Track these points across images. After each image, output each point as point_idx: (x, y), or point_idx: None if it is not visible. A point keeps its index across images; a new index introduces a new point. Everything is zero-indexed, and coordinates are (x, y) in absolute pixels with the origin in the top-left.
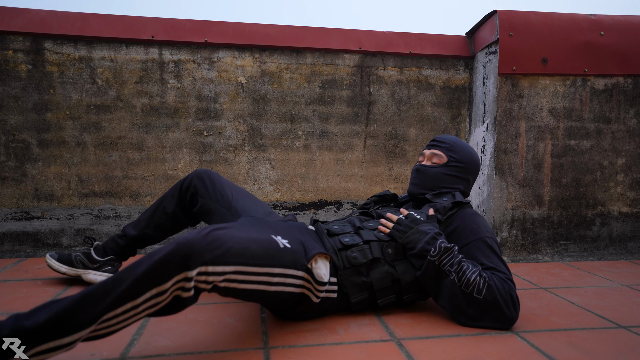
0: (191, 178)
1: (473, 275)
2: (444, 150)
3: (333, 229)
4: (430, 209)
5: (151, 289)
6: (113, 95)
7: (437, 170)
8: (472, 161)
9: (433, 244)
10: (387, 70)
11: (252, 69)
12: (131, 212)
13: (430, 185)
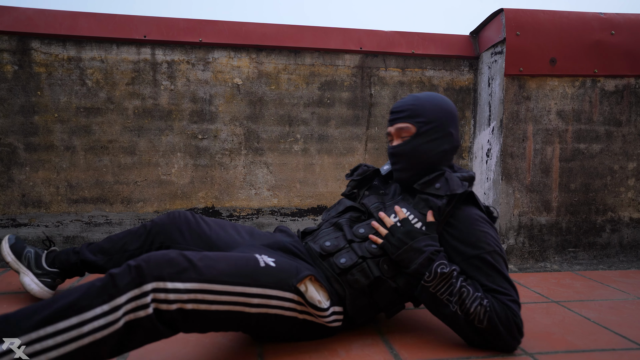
0: (163, 224)
1: (473, 305)
2: (408, 120)
3: (326, 247)
4: (429, 212)
5: (102, 303)
6: (104, 97)
7: (411, 145)
8: (443, 112)
9: (428, 268)
10: (388, 71)
11: (249, 70)
12: (123, 219)
13: (415, 165)
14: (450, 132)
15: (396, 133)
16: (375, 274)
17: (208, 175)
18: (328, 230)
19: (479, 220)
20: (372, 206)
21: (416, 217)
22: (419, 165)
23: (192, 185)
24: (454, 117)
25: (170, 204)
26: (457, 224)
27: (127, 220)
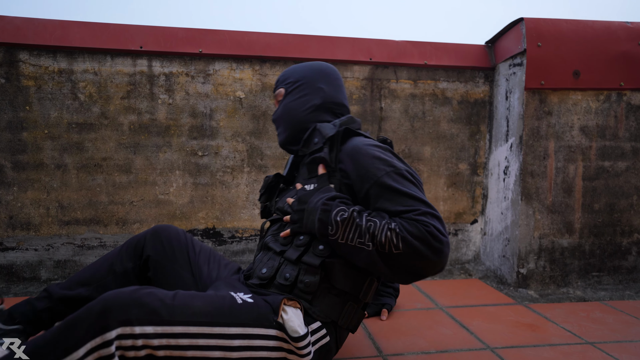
0: (144, 236)
1: (383, 235)
2: (280, 85)
3: (262, 274)
4: (320, 165)
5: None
6: (97, 112)
7: (282, 105)
8: (312, 70)
9: (328, 221)
10: (399, 83)
11: (252, 83)
12: (118, 241)
13: (288, 124)
14: (320, 87)
15: (276, 103)
16: (317, 263)
17: (209, 194)
18: (260, 257)
19: (362, 147)
20: (282, 202)
21: (311, 182)
22: (292, 124)
23: (192, 205)
24: (325, 74)
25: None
26: (345, 162)
27: (122, 243)
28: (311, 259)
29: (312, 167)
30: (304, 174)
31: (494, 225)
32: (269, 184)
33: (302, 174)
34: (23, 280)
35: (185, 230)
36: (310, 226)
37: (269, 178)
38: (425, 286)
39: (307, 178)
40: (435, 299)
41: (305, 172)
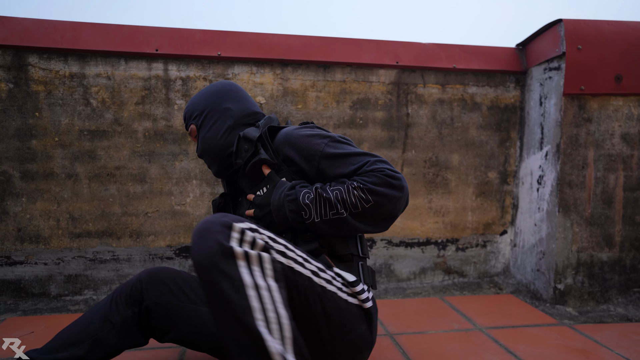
0: (139, 280)
1: (351, 196)
2: (189, 122)
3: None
4: (263, 166)
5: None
6: (110, 118)
7: (200, 140)
8: (210, 95)
9: (299, 208)
10: (427, 87)
11: (273, 87)
12: (131, 254)
13: (215, 155)
14: (227, 107)
15: (194, 139)
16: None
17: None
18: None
19: (293, 132)
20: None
21: (261, 187)
22: (217, 154)
23: None
24: (225, 92)
25: (185, 237)
26: (286, 150)
27: (137, 256)
28: (308, 246)
29: (255, 173)
30: (248, 184)
31: (525, 237)
32: (219, 206)
33: (245, 185)
34: (32, 297)
35: None
36: (284, 222)
37: (216, 201)
38: (457, 303)
39: (254, 186)
40: (471, 318)
41: (249, 182)
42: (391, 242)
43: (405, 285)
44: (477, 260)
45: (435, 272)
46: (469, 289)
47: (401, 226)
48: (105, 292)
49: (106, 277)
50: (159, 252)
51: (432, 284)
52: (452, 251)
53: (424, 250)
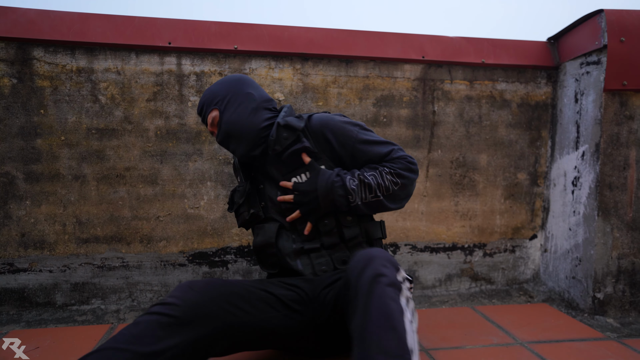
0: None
1: (386, 180)
2: (210, 108)
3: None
4: (303, 154)
5: None
6: (120, 116)
7: (224, 123)
8: (230, 83)
9: (347, 192)
10: (454, 84)
11: (292, 83)
12: (142, 261)
13: (241, 137)
14: (249, 92)
15: (212, 127)
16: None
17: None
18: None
19: (329, 119)
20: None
21: (298, 173)
22: (245, 133)
23: (225, 221)
24: (244, 81)
25: (199, 243)
26: (327, 135)
27: (147, 263)
28: (352, 232)
29: (293, 160)
30: (281, 171)
31: (558, 241)
32: (246, 193)
33: (276, 171)
34: (36, 306)
35: (217, 247)
36: (329, 206)
37: (241, 190)
38: (490, 313)
39: (290, 171)
40: (509, 330)
41: (283, 168)
42: (415, 247)
43: (431, 293)
44: (506, 266)
45: (462, 278)
46: (498, 297)
47: (426, 230)
48: (114, 301)
49: (115, 285)
50: (171, 258)
51: (459, 291)
52: (479, 257)
53: (450, 255)
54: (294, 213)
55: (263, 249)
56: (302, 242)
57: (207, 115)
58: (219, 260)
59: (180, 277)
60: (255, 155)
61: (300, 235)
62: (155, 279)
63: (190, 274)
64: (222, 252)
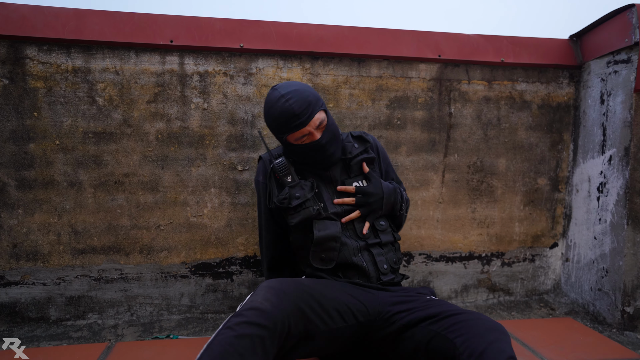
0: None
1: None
2: (316, 108)
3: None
4: (363, 164)
5: None
6: (118, 118)
7: (331, 126)
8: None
9: (403, 200)
10: (472, 84)
11: None
12: (142, 272)
13: (339, 141)
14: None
15: (317, 128)
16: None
17: (250, 216)
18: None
19: (379, 142)
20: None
21: (358, 179)
22: (340, 140)
23: (230, 229)
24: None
25: (202, 253)
26: (376, 155)
27: (148, 274)
28: (388, 237)
29: (357, 167)
30: (342, 175)
31: (582, 250)
32: (314, 191)
33: (337, 175)
34: (29, 321)
35: (221, 258)
36: (389, 209)
37: (307, 183)
38: (512, 328)
39: (350, 177)
40: (536, 349)
41: (345, 172)
42: (430, 257)
43: None
44: (525, 276)
45: (479, 289)
46: (517, 309)
47: (441, 239)
48: (111, 315)
49: (113, 298)
50: (173, 269)
51: (476, 302)
52: (497, 266)
53: (467, 265)
54: (353, 213)
55: (326, 242)
56: (359, 238)
57: (315, 115)
58: (224, 272)
59: (182, 290)
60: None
61: (356, 235)
62: (156, 292)
63: (193, 286)
64: (226, 262)
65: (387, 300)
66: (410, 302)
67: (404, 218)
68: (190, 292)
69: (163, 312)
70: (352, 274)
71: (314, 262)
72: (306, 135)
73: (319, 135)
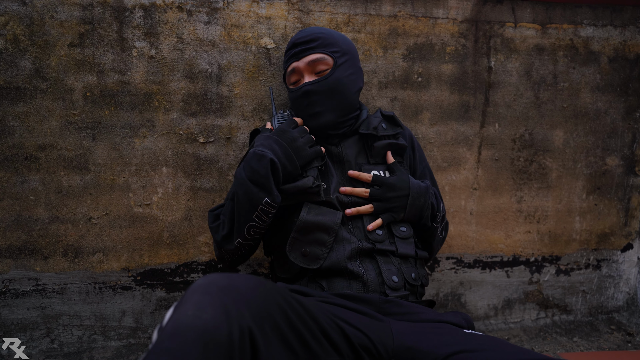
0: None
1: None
2: (322, 50)
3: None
4: (388, 153)
5: None
6: (28, 68)
7: (333, 78)
8: (350, 43)
9: (439, 206)
10: (519, 28)
11: (287, 24)
12: (66, 283)
13: (339, 103)
14: (360, 68)
15: (308, 67)
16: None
17: (216, 205)
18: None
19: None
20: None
21: (378, 169)
22: (342, 105)
23: (189, 224)
24: (357, 54)
25: (151, 256)
26: (409, 149)
27: (75, 285)
28: (407, 250)
29: (379, 152)
30: (357, 157)
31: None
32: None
33: (350, 155)
34: None
35: (178, 263)
36: (413, 212)
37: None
38: None
39: (372, 163)
40: None
41: (360, 154)
42: (461, 262)
43: (483, 326)
44: (588, 288)
45: (526, 305)
46: (580, 333)
47: (476, 237)
48: (24, 341)
49: (25, 318)
50: (111, 278)
51: (523, 323)
52: (550, 275)
53: (510, 273)
54: (364, 207)
55: (315, 230)
56: (364, 239)
57: (314, 52)
58: (181, 281)
59: (123, 307)
60: (330, 134)
61: (362, 233)
62: (87, 309)
63: (138, 300)
64: (185, 269)
65: (403, 332)
66: (442, 335)
67: (437, 237)
68: (134, 310)
69: (97, 337)
70: (342, 285)
71: (292, 256)
72: (297, 76)
73: (309, 79)
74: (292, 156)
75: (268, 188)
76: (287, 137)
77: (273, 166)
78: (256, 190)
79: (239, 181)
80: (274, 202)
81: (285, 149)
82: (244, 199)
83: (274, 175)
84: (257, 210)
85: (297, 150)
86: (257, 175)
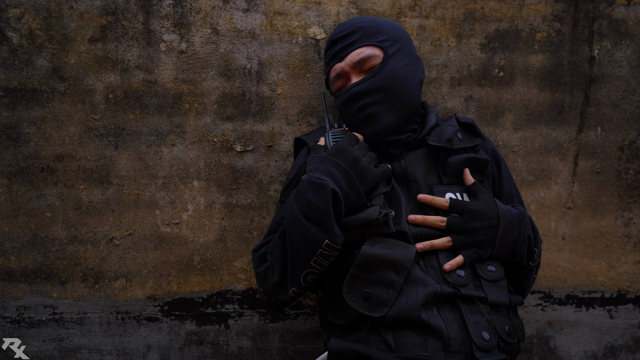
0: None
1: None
2: (366, 42)
3: (486, 342)
4: (465, 170)
5: None
6: (45, 66)
7: (387, 70)
8: (400, 28)
9: (537, 240)
10: (633, 7)
11: (340, 10)
12: (86, 312)
13: (400, 102)
14: (418, 57)
15: (354, 67)
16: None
17: (255, 225)
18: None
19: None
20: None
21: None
22: (402, 102)
23: (223, 246)
24: (411, 40)
25: (180, 283)
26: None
27: (95, 315)
28: (515, 297)
29: (454, 170)
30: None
31: None
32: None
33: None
34: None
35: (210, 292)
36: (504, 247)
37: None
38: None
39: (446, 183)
40: None
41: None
42: (550, 297)
43: None
44: None
45: (637, 355)
46: None
47: (569, 268)
48: None
49: (41, 351)
50: (134, 307)
51: None
52: None
53: (614, 312)
54: (440, 240)
55: (381, 267)
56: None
57: (357, 47)
58: (214, 313)
59: (148, 340)
60: (391, 141)
61: (439, 273)
62: (108, 342)
63: (165, 334)
64: (218, 298)
65: None
66: None
67: (532, 278)
68: (161, 345)
69: None
70: (414, 342)
71: (349, 298)
72: (343, 80)
73: (356, 79)
74: (355, 183)
75: (329, 227)
76: (348, 157)
77: (335, 198)
78: (314, 231)
79: (292, 218)
80: (335, 244)
81: (347, 173)
82: (299, 240)
83: (335, 209)
84: (315, 255)
85: (360, 172)
86: (316, 210)
